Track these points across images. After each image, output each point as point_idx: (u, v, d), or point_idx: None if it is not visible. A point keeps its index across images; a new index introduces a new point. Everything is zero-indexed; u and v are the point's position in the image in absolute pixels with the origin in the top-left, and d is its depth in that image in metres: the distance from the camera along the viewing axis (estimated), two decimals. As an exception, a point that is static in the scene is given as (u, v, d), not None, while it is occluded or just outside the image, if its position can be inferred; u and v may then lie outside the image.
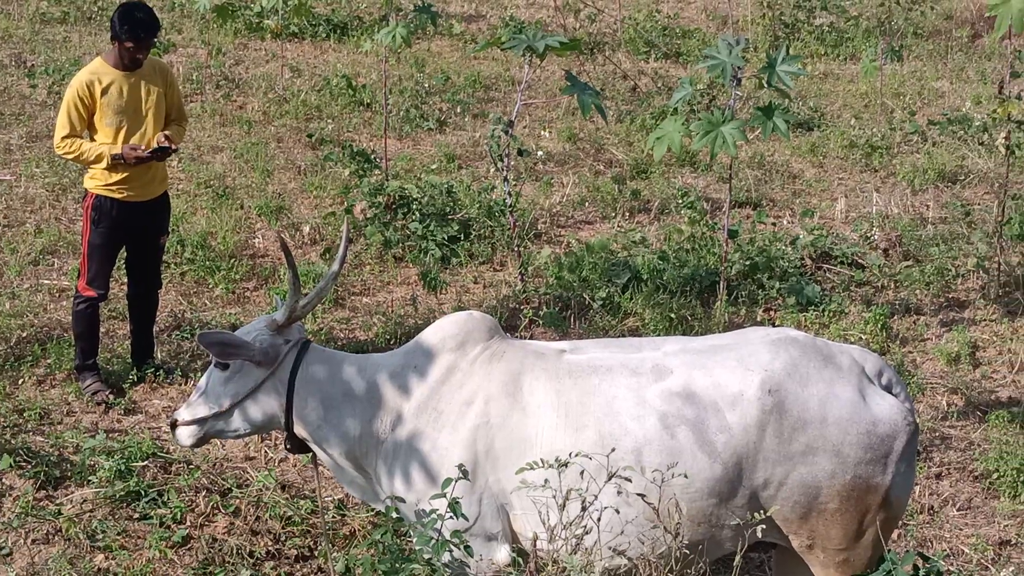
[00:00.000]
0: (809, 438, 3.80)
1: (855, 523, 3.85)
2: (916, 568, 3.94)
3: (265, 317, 4.28)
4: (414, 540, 3.83)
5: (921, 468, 5.75)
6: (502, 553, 4.02)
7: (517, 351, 4.09)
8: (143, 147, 5.94)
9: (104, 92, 5.97)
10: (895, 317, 7.30)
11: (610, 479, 3.60)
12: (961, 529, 5.41)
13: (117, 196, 6.05)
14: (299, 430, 4.22)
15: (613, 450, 3.73)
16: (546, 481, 3.64)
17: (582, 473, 3.64)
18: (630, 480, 3.63)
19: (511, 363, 4.04)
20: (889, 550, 4.01)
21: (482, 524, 3.96)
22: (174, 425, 4.31)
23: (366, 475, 4.23)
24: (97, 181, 6.06)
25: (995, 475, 5.70)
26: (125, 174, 6.01)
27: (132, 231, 6.18)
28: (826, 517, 3.84)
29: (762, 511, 3.77)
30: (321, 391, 4.16)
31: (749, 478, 3.82)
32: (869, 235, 8.22)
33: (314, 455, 4.36)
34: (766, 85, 6.44)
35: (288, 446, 4.33)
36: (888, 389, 3.96)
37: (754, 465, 3.81)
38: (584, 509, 3.54)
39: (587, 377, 3.96)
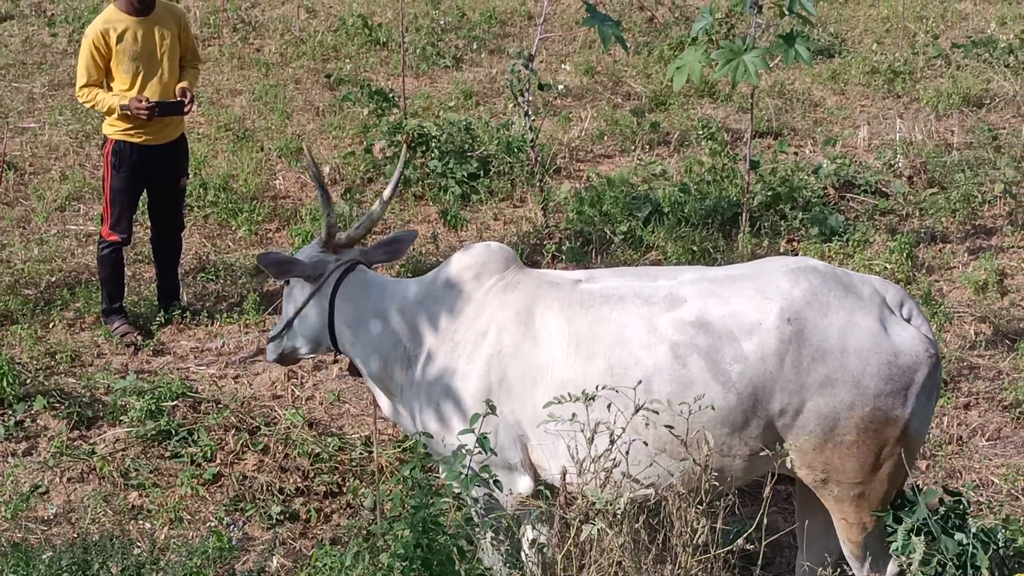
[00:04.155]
0: (828, 368, 3.73)
1: (872, 456, 3.77)
2: (941, 502, 3.90)
3: (319, 237, 4.47)
4: (442, 475, 3.87)
5: (949, 398, 5.72)
6: (524, 483, 4.04)
7: (532, 281, 4.09)
8: (147, 99, 5.94)
9: (119, 39, 5.98)
10: (920, 245, 7.24)
11: (636, 412, 3.58)
12: (991, 459, 5.35)
13: (135, 140, 6.09)
14: (341, 348, 4.39)
15: (640, 383, 3.70)
16: (573, 415, 3.64)
17: (609, 406, 3.63)
18: (657, 412, 3.61)
19: (525, 293, 4.04)
20: (916, 485, 3.99)
21: (502, 455, 3.97)
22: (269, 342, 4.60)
23: (395, 400, 4.32)
24: (115, 127, 6.10)
25: (1024, 404, 5.66)
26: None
27: (152, 174, 6.21)
28: (843, 449, 3.76)
29: (778, 442, 3.74)
30: (355, 311, 4.29)
31: (764, 408, 3.75)
32: (893, 162, 8.13)
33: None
34: (787, 12, 6.35)
35: (349, 370, 4.55)
36: (908, 320, 3.87)
37: (770, 395, 3.75)
38: (612, 443, 3.54)
39: (599, 306, 3.93)
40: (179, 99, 6.06)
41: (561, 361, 3.90)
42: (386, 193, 4.47)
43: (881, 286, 3.92)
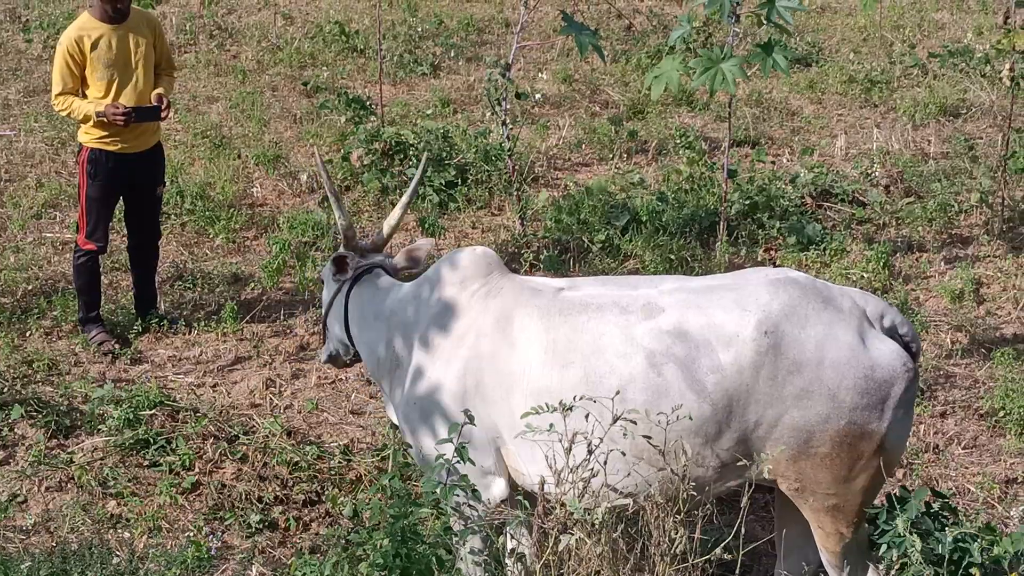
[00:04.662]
0: (804, 381, 3.73)
1: (845, 468, 3.78)
2: (928, 505, 3.93)
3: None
4: (422, 483, 3.87)
5: (926, 407, 5.74)
6: (498, 487, 4.06)
7: (514, 288, 4.12)
8: (123, 105, 5.92)
9: (94, 47, 5.96)
10: (897, 255, 7.28)
11: (615, 422, 3.59)
12: (967, 468, 5.38)
13: (111, 148, 6.06)
14: (356, 348, 4.54)
15: (618, 393, 3.70)
16: (551, 425, 3.64)
17: (587, 416, 3.63)
18: (635, 422, 3.61)
19: (506, 299, 4.07)
20: (903, 487, 4.00)
21: (477, 459, 3.97)
22: None
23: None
24: (90, 135, 6.07)
25: (1001, 413, 5.66)
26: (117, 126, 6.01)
27: (128, 183, 6.18)
28: (816, 461, 3.77)
29: (755, 452, 3.74)
30: (359, 312, 4.45)
31: (739, 419, 3.76)
32: (870, 172, 8.18)
33: None
34: (765, 21, 6.38)
35: None
36: (892, 331, 3.89)
37: (745, 407, 3.75)
38: (590, 452, 3.54)
39: (577, 315, 3.95)
40: (155, 104, 6.03)
41: (537, 369, 3.92)
42: (404, 199, 4.59)
43: (861, 299, 3.92)
